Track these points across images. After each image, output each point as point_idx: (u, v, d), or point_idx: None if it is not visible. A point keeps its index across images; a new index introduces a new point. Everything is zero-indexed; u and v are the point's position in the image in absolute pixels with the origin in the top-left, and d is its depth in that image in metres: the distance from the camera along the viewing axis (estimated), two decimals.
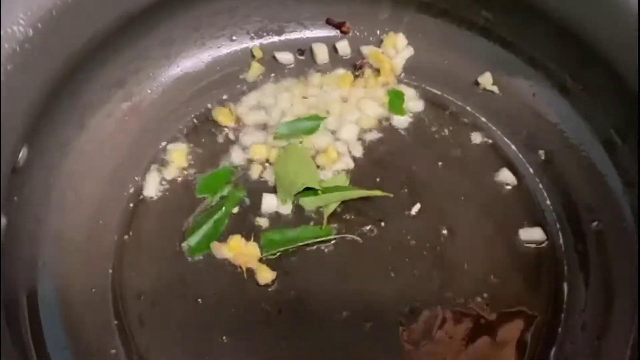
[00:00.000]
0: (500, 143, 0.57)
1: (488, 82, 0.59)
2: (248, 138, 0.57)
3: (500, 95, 0.58)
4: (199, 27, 0.58)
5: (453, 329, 0.47)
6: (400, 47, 0.61)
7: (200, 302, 0.48)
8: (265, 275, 0.49)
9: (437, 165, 0.55)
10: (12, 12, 0.40)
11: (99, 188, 0.53)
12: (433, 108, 0.59)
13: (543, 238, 0.51)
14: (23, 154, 0.44)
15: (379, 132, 0.57)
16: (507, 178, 0.54)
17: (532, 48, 0.56)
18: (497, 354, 0.46)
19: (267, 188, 0.54)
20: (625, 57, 0.46)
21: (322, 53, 0.61)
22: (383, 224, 0.52)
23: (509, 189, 0.54)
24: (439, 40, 0.60)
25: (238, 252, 0.50)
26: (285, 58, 0.61)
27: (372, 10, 0.61)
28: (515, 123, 0.57)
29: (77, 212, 0.51)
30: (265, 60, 0.61)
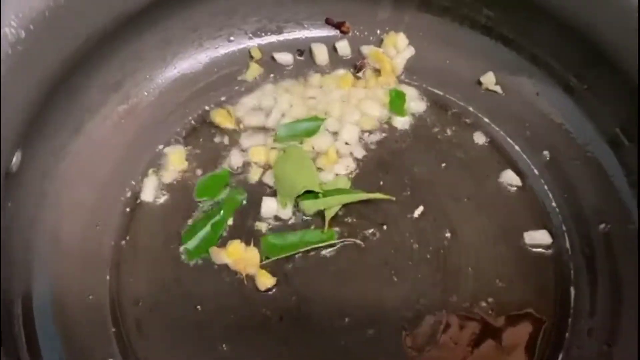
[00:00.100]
0: (504, 143, 0.56)
1: (491, 81, 0.58)
2: (247, 140, 0.56)
3: (503, 95, 0.58)
4: (197, 27, 0.57)
5: (458, 334, 0.46)
6: (401, 46, 0.60)
7: (200, 308, 0.48)
8: (266, 281, 0.48)
9: (439, 167, 0.54)
10: (3, 13, 0.39)
11: (96, 192, 0.52)
12: (435, 108, 0.58)
13: (549, 241, 0.50)
14: (17, 159, 0.43)
15: (380, 133, 0.56)
16: (511, 179, 0.53)
17: (535, 46, 0.55)
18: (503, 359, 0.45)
19: (266, 191, 0.53)
20: (630, 55, 0.46)
21: (321, 53, 0.60)
22: (385, 227, 0.51)
23: (513, 191, 0.53)
24: (441, 40, 0.59)
25: (237, 257, 0.49)
26: (284, 59, 0.60)
27: (372, 10, 0.60)
28: (519, 123, 0.56)
29: (73, 217, 0.50)
30: (264, 61, 0.60)
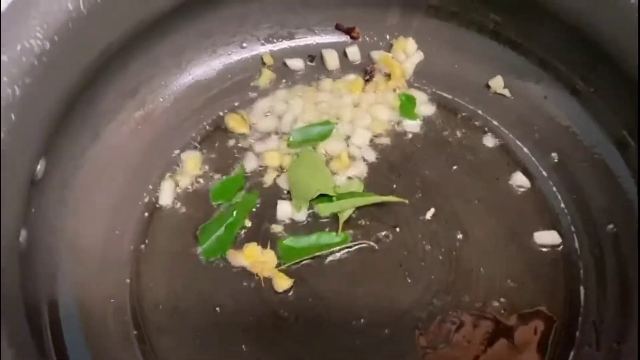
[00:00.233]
0: (513, 146, 0.57)
1: (499, 85, 0.59)
2: (261, 145, 0.57)
3: (512, 99, 0.58)
4: (210, 34, 0.58)
5: (471, 333, 0.48)
6: (410, 51, 0.61)
7: (219, 310, 0.49)
8: (283, 283, 0.49)
9: (450, 169, 0.55)
10: (29, 26, 0.40)
11: (114, 198, 0.53)
12: (444, 112, 0.59)
13: (558, 241, 0.51)
14: (41, 167, 0.44)
15: (391, 136, 0.57)
16: (520, 181, 0.54)
17: (542, 51, 0.56)
18: (516, 358, 0.46)
19: (281, 195, 0.54)
20: (635, 58, 0.46)
21: (332, 59, 0.61)
22: (398, 230, 0.52)
23: (523, 192, 0.54)
24: (449, 44, 0.60)
25: (254, 260, 0.50)
26: (296, 64, 0.61)
27: (381, 16, 0.61)
28: (527, 126, 0.57)
29: (92, 222, 0.51)
30: (276, 67, 0.61)
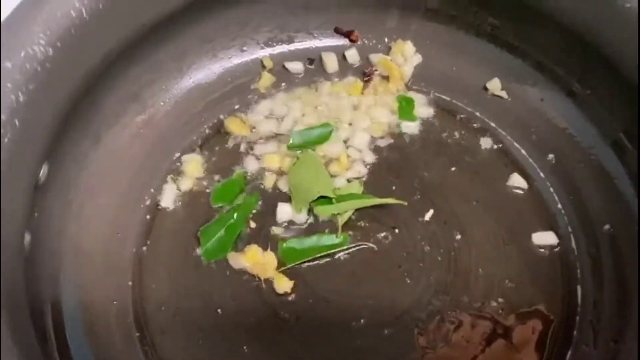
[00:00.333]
0: (511, 147, 0.57)
1: (496, 87, 0.59)
2: (261, 147, 0.57)
3: (509, 101, 0.59)
4: (211, 39, 0.59)
5: (469, 333, 0.48)
6: (409, 54, 0.61)
7: (220, 312, 0.49)
8: (284, 284, 0.50)
9: (448, 171, 0.56)
10: (32, 32, 0.41)
11: (116, 200, 0.53)
12: (443, 114, 0.59)
13: (555, 242, 0.52)
14: (44, 171, 0.45)
15: (390, 138, 0.58)
16: (518, 182, 0.55)
17: (539, 53, 0.56)
18: (514, 357, 0.47)
19: (281, 197, 0.54)
20: (632, 60, 0.47)
21: (331, 62, 0.62)
22: (397, 231, 0.52)
23: (521, 193, 0.55)
24: (447, 47, 0.60)
25: (255, 262, 0.50)
26: (295, 67, 0.62)
27: (379, 19, 0.61)
28: (525, 127, 0.58)
29: (95, 225, 0.52)
30: (276, 70, 0.62)
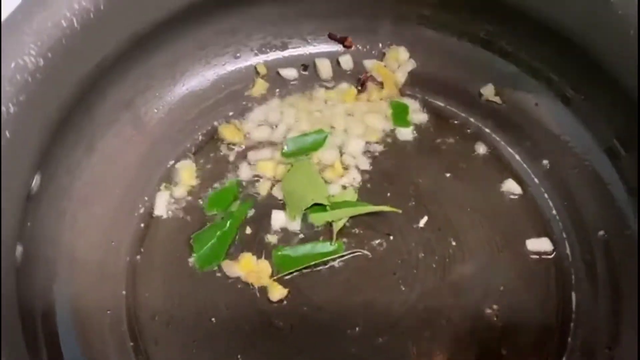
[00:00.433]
0: (505, 153, 0.57)
1: (490, 93, 0.59)
2: (255, 154, 0.57)
3: (503, 106, 0.59)
4: (204, 46, 0.59)
5: (464, 340, 0.48)
6: (403, 60, 0.61)
7: (214, 320, 0.49)
8: (277, 292, 0.49)
9: (443, 177, 0.56)
10: (23, 43, 0.40)
11: (110, 209, 0.53)
12: (437, 120, 0.59)
13: (550, 248, 0.52)
14: (36, 181, 0.45)
15: (385, 145, 0.58)
16: (512, 188, 0.55)
17: (533, 59, 0.56)
18: None
19: (276, 204, 0.54)
20: (625, 67, 0.47)
21: (325, 68, 0.62)
22: (392, 238, 0.52)
23: (515, 199, 0.55)
24: (441, 53, 0.60)
25: (249, 270, 0.50)
26: (289, 74, 0.62)
27: (373, 25, 0.61)
28: (519, 133, 0.58)
29: (89, 234, 0.52)
30: (270, 77, 0.62)
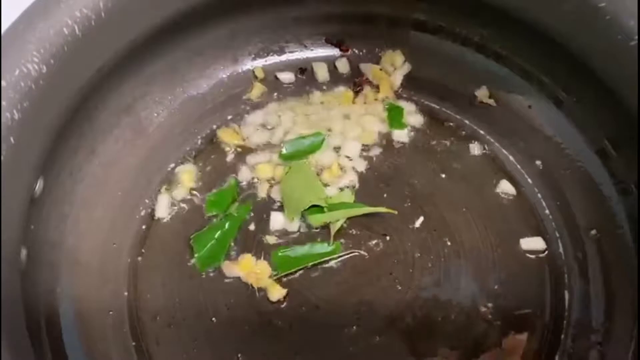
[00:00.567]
0: (499, 154, 0.58)
1: (485, 95, 0.60)
2: (254, 157, 0.58)
3: (497, 108, 0.60)
4: (202, 51, 0.60)
5: (459, 339, 0.49)
6: (398, 63, 0.62)
7: (214, 320, 0.50)
8: (277, 293, 0.50)
9: (438, 178, 0.57)
10: (26, 51, 0.41)
11: (111, 212, 0.54)
12: (432, 122, 0.60)
13: (543, 247, 0.53)
14: (39, 185, 0.45)
15: (381, 147, 0.59)
16: (506, 189, 0.56)
17: (525, 63, 0.57)
18: None
19: (274, 206, 0.55)
20: (614, 70, 0.48)
21: (322, 72, 0.63)
22: (388, 238, 0.53)
23: (509, 200, 0.56)
24: (436, 56, 0.61)
25: (249, 270, 0.51)
26: (287, 78, 0.63)
27: (369, 29, 0.62)
28: (513, 135, 0.59)
29: (91, 236, 0.52)
30: (268, 81, 0.63)
